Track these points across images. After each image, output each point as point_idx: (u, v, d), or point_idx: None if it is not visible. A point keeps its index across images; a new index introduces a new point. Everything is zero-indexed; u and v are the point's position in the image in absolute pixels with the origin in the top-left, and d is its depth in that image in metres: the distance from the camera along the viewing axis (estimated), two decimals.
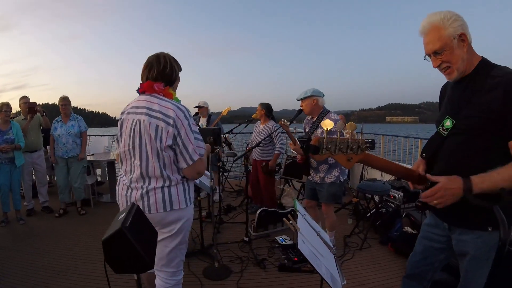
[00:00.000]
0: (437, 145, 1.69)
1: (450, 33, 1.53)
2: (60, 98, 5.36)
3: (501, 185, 1.39)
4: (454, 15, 1.55)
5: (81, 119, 5.54)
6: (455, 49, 1.55)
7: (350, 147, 1.38)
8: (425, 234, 1.93)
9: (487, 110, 1.46)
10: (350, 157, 1.40)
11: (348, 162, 1.41)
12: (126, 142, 2.00)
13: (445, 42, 1.55)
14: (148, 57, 2.07)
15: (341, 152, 1.38)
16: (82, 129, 5.47)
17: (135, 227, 1.47)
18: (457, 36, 1.53)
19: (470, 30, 1.55)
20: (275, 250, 3.94)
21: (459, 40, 1.54)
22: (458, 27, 1.53)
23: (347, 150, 1.38)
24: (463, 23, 1.54)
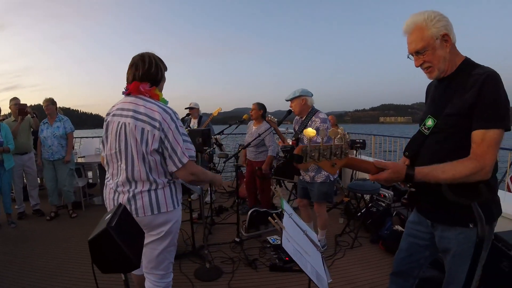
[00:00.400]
0: (419, 144, 1.71)
1: (433, 33, 1.56)
2: (44, 100, 5.28)
3: (440, 177, 1.45)
4: (438, 15, 1.56)
5: (67, 120, 5.44)
6: (437, 50, 1.58)
7: (334, 153, 1.39)
8: (409, 231, 1.95)
9: (466, 107, 1.49)
10: (334, 162, 1.41)
11: (332, 168, 1.42)
12: (112, 145, 1.97)
13: (428, 42, 1.57)
14: (133, 57, 2.03)
15: (324, 158, 1.38)
16: (68, 130, 5.37)
17: (121, 227, 1.46)
18: (440, 36, 1.56)
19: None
20: (266, 250, 3.95)
21: (442, 40, 1.57)
22: (442, 28, 1.55)
23: (331, 156, 1.39)
24: (447, 23, 1.56)
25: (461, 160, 1.46)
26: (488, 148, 1.43)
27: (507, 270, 2.58)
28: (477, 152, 1.45)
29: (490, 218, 1.58)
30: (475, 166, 1.43)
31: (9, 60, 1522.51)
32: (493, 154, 1.45)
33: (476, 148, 1.46)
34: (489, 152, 1.43)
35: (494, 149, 1.44)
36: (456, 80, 1.59)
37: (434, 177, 1.46)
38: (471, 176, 1.43)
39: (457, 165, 1.45)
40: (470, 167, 1.43)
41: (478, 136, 1.46)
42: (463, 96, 1.50)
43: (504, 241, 2.67)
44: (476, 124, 1.47)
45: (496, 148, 1.45)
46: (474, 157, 1.45)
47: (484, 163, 1.43)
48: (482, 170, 1.43)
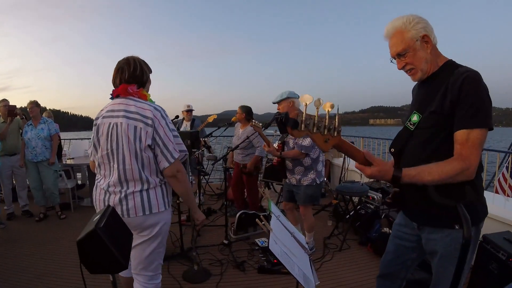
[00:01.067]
0: (405, 140, 1.72)
1: (412, 35, 1.60)
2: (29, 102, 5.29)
3: (426, 178, 1.46)
4: (417, 18, 1.61)
5: (51, 122, 5.45)
6: (418, 51, 1.62)
7: (328, 128, 1.34)
8: (396, 233, 1.97)
9: (447, 106, 1.51)
10: (327, 138, 1.36)
11: (325, 144, 1.38)
12: (103, 147, 1.99)
13: (408, 44, 1.61)
14: (118, 62, 2.08)
15: (319, 131, 1.35)
16: (52, 132, 5.37)
17: (110, 228, 1.47)
18: (420, 38, 1.60)
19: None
20: (254, 253, 3.95)
21: (422, 41, 1.60)
22: (421, 29, 1.59)
23: (325, 130, 1.35)
24: (426, 25, 1.60)
25: (446, 161, 1.48)
26: (473, 148, 1.45)
27: (496, 272, 2.61)
28: (462, 152, 1.46)
29: (476, 219, 1.59)
30: (461, 166, 1.44)
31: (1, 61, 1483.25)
32: (478, 154, 1.46)
33: (460, 149, 1.47)
34: (474, 152, 1.45)
35: (478, 149, 1.46)
36: (438, 79, 1.62)
37: (420, 178, 1.48)
38: (457, 176, 1.44)
39: (443, 166, 1.46)
40: (456, 167, 1.44)
41: (461, 136, 1.47)
42: (445, 94, 1.53)
43: (492, 243, 2.71)
44: (459, 124, 1.48)
45: (480, 148, 1.47)
46: (459, 157, 1.46)
47: (469, 163, 1.45)
48: (467, 170, 1.45)
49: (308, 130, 1.32)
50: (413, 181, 1.49)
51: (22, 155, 5.25)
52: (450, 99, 1.50)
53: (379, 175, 1.50)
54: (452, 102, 1.49)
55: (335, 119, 1.37)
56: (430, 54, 1.62)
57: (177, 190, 2.10)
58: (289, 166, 3.71)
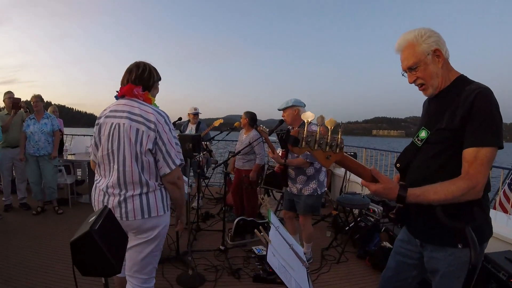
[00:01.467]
0: (411, 156, 1.70)
1: (424, 49, 1.58)
2: (32, 96, 5.30)
3: (432, 198, 1.43)
4: (429, 31, 1.58)
5: (54, 118, 5.49)
6: (429, 65, 1.59)
7: (329, 145, 1.35)
8: (398, 250, 1.93)
9: (457, 123, 1.49)
10: (328, 154, 1.37)
11: (327, 160, 1.39)
12: (104, 146, 1.98)
13: (419, 58, 1.59)
14: (130, 64, 2.10)
15: (320, 148, 1.35)
16: (55, 127, 5.41)
17: (105, 231, 1.44)
18: (431, 52, 1.57)
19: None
20: (251, 260, 3.91)
21: (433, 55, 1.58)
22: (432, 43, 1.57)
23: (326, 147, 1.36)
24: (438, 39, 1.57)
25: (453, 180, 1.45)
26: (481, 167, 1.42)
27: None
28: (469, 171, 1.43)
29: (481, 240, 1.56)
30: (467, 185, 1.41)
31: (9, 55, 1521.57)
32: (486, 173, 1.43)
33: (468, 167, 1.44)
34: (482, 171, 1.42)
35: (486, 168, 1.43)
36: (449, 95, 1.59)
37: (426, 198, 1.45)
38: (463, 196, 1.42)
39: (449, 185, 1.44)
40: (463, 187, 1.42)
41: (470, 155, 1.44)
42: (455, 111, 1.50)
43: (493, 262, 2.66)
44: (468, 142, 1.46)
45: (488, 167, 1.44)
46: (466, 176, 1.44)
47: (476, 182, 1.42)
48: (474, 189, 1.42)
49: (309, 147, 1.34)
50: (418, 201, 1.46)
51: (22, 149, 5.25)
52: (461, 116, 1.47)
53: (383, 193, 1.48)
54: (463, 119, 1.46)
55: (338, 136, 1.37)
56: (442, 69, 1.60)
57: (174, 196, 2.10)
58: (292, 175, 3.68)
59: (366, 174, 1.50)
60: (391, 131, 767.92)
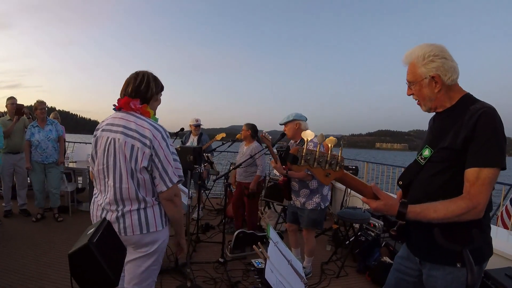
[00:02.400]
0: (414, 173, 1.70)
1: (422, 72, 1.59)
2: (37, 102, 5.24)
3: (432, 216, 1.44)
4: (434, 55, 1.57)
5: (57, 123, 5.49)
6: (424, 88, 1.62)
7: (329, 163, 1.36)
8: (397, 267, 1.92)
9: (460, 142, 1.49)
10: (328, 172, 1.38)
11: (326, 178, 1.40)
12: (100, 161, 1.94)
13: (416, 78, 1.63)
14: (130, 74, 2.04)
15: (319, 166, 1.36)
16: (60, 133, 5.43)
17: (103, 244, 1.44)
18: (429, 77, 1.58)
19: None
20: (250, 274, 3.89)
21: (430, 80, 1.59)
22: (432, 69, 1.57)
23: (326, 165, 1.36)
24: (441, 64, 1.56)
25: (454, 199, 1.44)
26: (482, 187, 1.42)
27: None
28: (471, 191, 1.43)
29: (480, 259, 1.57)
30: (467, 205, 1.41)
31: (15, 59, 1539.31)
32: (487, 194, 1.43)
33: (469, 187, 1.44)
34: (483, 192, 1.42)
35: (488, 188, 1.43)
36: (453, 114, 1.59)
37: (426, 216, 1.45)
38: (463, 215, 1.41)
39: (450, 204, 1.44)
40: (463, 206, 1.41)
41: (472, 175, 1.44)
42: (459, 130, 1.50)
43: (493, 279, 2.63)
44: (470, 162, 1.45)
45: (490, 188, 1.44)
46: (467, 196, 1.43)
47: (477, 202, 1.41)
48: (474, 209, 1.41)
49: (308, 164, 1.35)
50: (418, 218, 1.47)
51: (27, 157, 5.21)
52: (465, 135, 1.47)
53: (384, 209, 1.49)
54: (466, 138, 1.47)
55: (338, 154, 1.39)
56: (438, 93, 1.61)
57: (170, 214, 2.03)
58: (295, 187, 3.68)
59: (367, 191, 1.51)
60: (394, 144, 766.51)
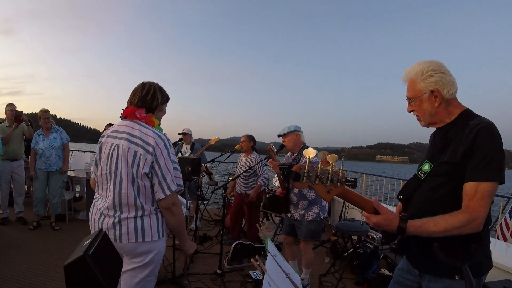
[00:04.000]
0: (414, 188, 1.72)
1: (421, 87, 1.63)
2: (42, 110, 5.29)
3: (432, 229, 1.45)
4: (433, 70, 1.61)
5: (62, 131, 5.52)
6: (424, 103, 1.65)
7: (330, 179, 1.39)
8: (397, 279, 1.93)
9: (459, 157, 1.51)
10: (329, 188, 1.41)
11: (327, 194, 1.42)
12: (103, 166, 1.98)
13: (416, 94, 1.66)
14: (137, 85, 2.10)
15: (321, 182, 1.39)
16: (65, 140, 5.45)
17: (99, 255, 1.43)
18: (429, 91, 1.61)
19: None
20: (247, 285, 3.86)
21: (430, 95, 1.62)
22: (431, 83, 1.60)
23: (327, 182, 1.39)
24: (440, 79, 1.60)
25: (453, 213, 1.46)
26: (481, 201, 1.43)
27: None
28: (470, 205, 1.45)
29: (479, 273, 1.58)
30: (467, 219, 1.43)
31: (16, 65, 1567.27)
32: (486, 207, 1.45)
33: (468, 201, 1.46)
34: (482, 205, 1.44)
35: (487, 202, 1.45)
36: (453, 129, 1.62)
37: (426, 230, 1.47)
38: (463, 228, 1.43)
39: (449, 218, 1.45)
40: (462, 220, 1.43)
41: (470, 189, 1.46)
42: (458, 145, 1.53)
43: None
44: (469, 176, 1.47)
45: (489, 201, 1.46)
46: (467, 209, 1.45)
47: (476, 215, 1.43)
48: (473, 222, 1.43)
49: (310, 181, 1.38)
50: (418, 232, 1.48)
51: (32, 165, 5.25)
52: (464, 150, 1.49)
53: (384, 224, 1.50)
54: (465, 153, 1.49)
55: (339, 171, 1.41)
56: (437, 108, 1.64)
57: (170, 223, 2.04)
58: (294, 200, 3.68)
59: (368, 206, 1.53)
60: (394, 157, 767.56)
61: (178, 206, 2.03)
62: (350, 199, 1.53)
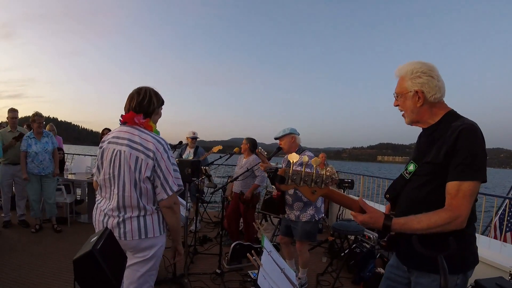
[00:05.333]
0: (400, 187, 1.79)
1: (408, 85, 1.71)
2: (36, 114, 5.26)
3: (415, 227, 1.52)
4: (422, 72, 1.68)
5: (52, 136, 5.55)
6: (407, 100, 1.73)
7: (315, 181, 1.47)
8: (388, 275, 1.98)
9: (441, 157, 1.57)
10: (314, 190, 1.49)
11: (312, 195, 1.50)
12: (106, 171, 2.07)
13: (402, 91, 1.74)
14: (132, 90, 2.18)
15: (305, 184, 1.47)
16: (55, 145, 5.50)
17: (106, 250, 1.52)
18: (414, 91, 1.69)
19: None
20: (246, 285, 3.93)
21: (414, 94, 1.70)
22: (417, 84, 1.68)
23: (312, 183, 1.47)
24: (426, 82, 1.67)
25: (436, 211, 1.52)
26: (463, 200, 1.49)
27: None
28: (452, 203, 1.50)
29: (463, 267, 1.63)
30: (449, 216, 1.48)
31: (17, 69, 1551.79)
32: (468, 205, 1.50)
33: (450, 199, 1.52)
34: (464, 204, 1.49)
35: (469, 200, 1.50)
36: (437, 130, 1.68)
37: (410, 227, 1.53)
38: (446, 226, 1.49)
39: (432, 216, 1.51)
40: (445, 217, 1.48)
41: (453, 188, 1.52)
42: (441, 146, 1.59)
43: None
44: (451, 176, 1.53)
45: (471, 200, 1.51)
46: (449, 208, 1.51)
47: (458, 213, 1.48)
48: (456, 220, 1.48)
49: (295, 183, 1.46)
50: (402, 229, 1.55)
51: (24, 168, 5.21)
52: (445, 151, 1.55)
53: (370, 222, 1.57)
54: (447, 154, 1.54)
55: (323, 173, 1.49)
56: (420, 108, 1.71)
57: (169, 221, 2.15)
58: (289, 201, 3.75)
59: (355, 205, 1.61)
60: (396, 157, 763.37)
61: (178, 205, 2.16)
62: (336, 199, 1.62)
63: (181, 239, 2.30)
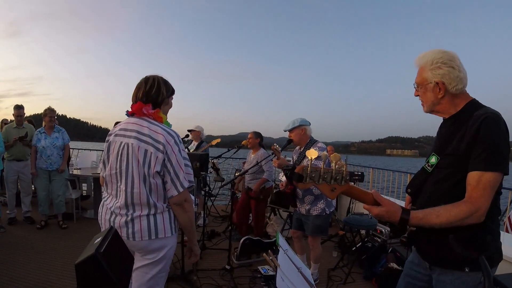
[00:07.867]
0: (422, 181, 1.72)
1: (428, 76, 1.63)
2: (48, 109, 5.31)
3: (434, 221, 1.44)
4: (443, 62, 1.59)
5: (64, 131, 5.53)
6: (428, 92, 1.66)
7: (334, 178, 1.40)
8: (408, 272, 1.92)
9: (463, 148, 1.50)
10: (333, 187, 1.42)
11: (332, 193, 1.43)
12: (112, 165, 1.95)
13: (422, 82, 1.67)
14: (141, 79, 2.04)
15: (324, 181, 1.40)
16: (66, 141, 5.47)
17: (110, 253, 1.42)
18: (434, 82, 1.61)
19: None
20: (256, 281, 3.85)
21: (435, 86, 1.62)
22: (437, 75, 1.60)
23: (331, 181, 1.40)
24: (447, 72, 1.58)
25: (455, 204, 1.46)
26: (484, 191, 1.43)
27: None
28: (472, 194, 1.44)
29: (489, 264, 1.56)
30: (469, 209, 1.42)
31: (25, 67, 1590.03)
32: (488, 198, 1.44)
33: (471, 191, 1.45)
34: (484, 196, 1.43)
35: (489, 192, 1.44)
36: (458, 120, 1.61)
37: (428, 221, 1.46)
38: (465, 219, 1.42)
39: (451, 208, 1.44)
40: (464, 210, 1.42)
41: (473, 178, 1.45)
42: (462, 136, 1.52)
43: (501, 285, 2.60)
44: (473, 166, 1.47)
45: (492, 192, 1.44)
46: (469, 200, 1.44)
47: (478, 206, 1.42)
48: (476, 213, 1.42)
49: (314, 181, 1.40)
50: (421, 224, 1.48)
51: (33, 163, 5.25)
52: (467, 141, 1.49)
53: (386, 216, 1.49)
54: (469, 144, 1.48)
55: (344, 169, 1.42)
56: (441, 99, 1.64)
57: (181, 219, 2.01)
58: (299, 194, 3.67)
59: (368, 198, 1.53)
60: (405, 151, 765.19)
61: (190, 203, 2.01)
62: (354, 196, 1.55)
63: (196, 238, 2.16)
